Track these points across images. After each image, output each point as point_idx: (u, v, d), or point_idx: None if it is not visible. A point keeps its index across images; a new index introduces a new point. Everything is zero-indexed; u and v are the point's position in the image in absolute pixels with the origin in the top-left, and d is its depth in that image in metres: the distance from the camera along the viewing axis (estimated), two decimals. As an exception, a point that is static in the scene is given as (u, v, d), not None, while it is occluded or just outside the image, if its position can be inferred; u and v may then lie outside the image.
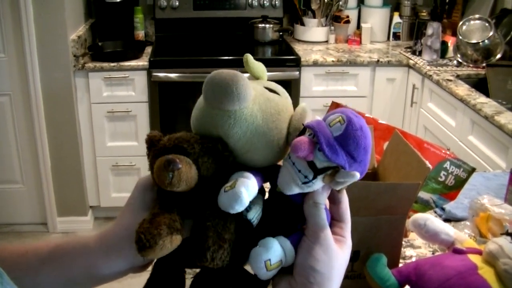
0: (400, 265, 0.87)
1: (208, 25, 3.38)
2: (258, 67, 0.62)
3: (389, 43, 3.45)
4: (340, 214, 0.56)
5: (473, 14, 2.95)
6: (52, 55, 2.76)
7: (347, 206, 0.57)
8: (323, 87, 3.03)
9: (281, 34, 3.31)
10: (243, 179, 0.52)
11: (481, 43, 2.75)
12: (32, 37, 2.70)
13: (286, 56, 3.07)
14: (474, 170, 1.01)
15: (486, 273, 0.76)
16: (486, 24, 2.78)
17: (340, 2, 3.38)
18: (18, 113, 2.87)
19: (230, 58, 2.96)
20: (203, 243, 0.52)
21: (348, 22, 3.38)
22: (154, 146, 0.56)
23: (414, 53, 3.10)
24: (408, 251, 1.07)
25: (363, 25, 3.39)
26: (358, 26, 3.47)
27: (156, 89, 2.91)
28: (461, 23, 2.85)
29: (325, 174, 0.51)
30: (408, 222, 0.91)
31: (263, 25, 3.25)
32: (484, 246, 0.80)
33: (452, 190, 1.01)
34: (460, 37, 2.80)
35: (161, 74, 2.88)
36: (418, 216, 0.91)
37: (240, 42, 3.34)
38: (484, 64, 2.76)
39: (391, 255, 0.84)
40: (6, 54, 2.76)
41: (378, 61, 3.01)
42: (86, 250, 0.59)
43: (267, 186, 0.59)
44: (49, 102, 2.84)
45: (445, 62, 2.94)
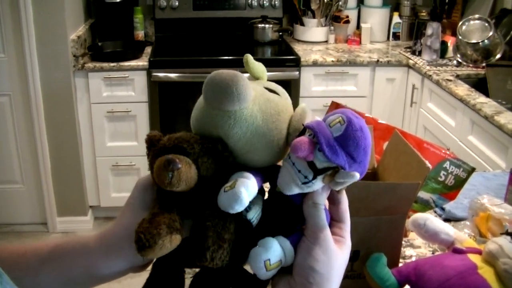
0: (400, 265, 0.87)
1: (207, 25, 3.38)
2: (258, 68, 0.62)
3: (388, 43, 3.45)
4: (339, 214, 0.56)
5: (472, 14, 2.95)
6: (52, 55, 2.76)
7: (347, 207, 0.57)
8: (323, 87, 3.03)
9: (280, 34, 3.31)
10: (243, 179, 0.52)
11: (480, 43, 2.75)
12: (32, 37, 2.70)
13: (285, 56, 3.07)
14: (473, 170, 1.01)
15: (486, 272, 0.76)
16: (486, 24, 2.78)
17: (339, 2, 3.37)
18: (18, 113, 2.86)
19: (230, 58, 2.96)
20: (203, 243, 0.52)
21: (347, 22, 3.38)
22: (154, 146, 0.56)
23: (413, 53, 3.10)
24: (408, 251, 1.07)
25: (363, 25, 3.39)
26: (358, 26, 3.47)
27: (156, 89, 2.91)
28: (460, 23, 2.85)
29: (325, 174, 0.51)
30: (408, 222, 0.91)
31: (263, 25, 3.25)
32: (484, 246, 0.80)
33: (452, 190, 1.01)
34: (459, 37, 2.80)
35: (161, 74, 2.88)
36: (418, 216, 0.91)
37: (239, 42, 3.34)
38: (483, 64, 2.76)
39: (391, 255, 0.84)
40: (6, 54, 2.75)
41: (378, 61, 3.01)
42: (86, 250, 0.59)
43: (267, 186, 0.59)
44: (49, 102, 2.84)
45: (444, 62, 2.94)
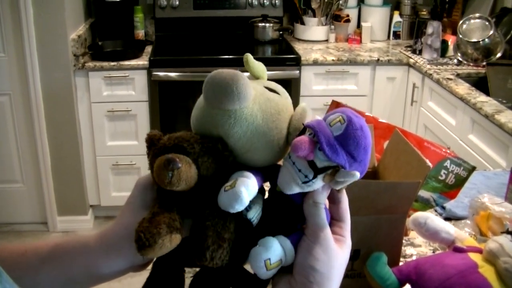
0: (400, 264, 0.87)
1: (208, 24, 3.37)
2: (258, 67, 0.62)
3: (389, 42, 3.45)
4: (339, 213, 0.56)
5: (473, 13, 2.94)
6: (52, 55, 2.76)
7: (347, 206, 0.57)
8: (323, 86, 3.03)
9: (281, 33, 3.31)
10: (243, 179, 0.52)
11: (481, 42, 2.75)
12: (32, 36, 2.70)
13: (286, 55, 3.07)
14: (474, 168, 1.00)
15: (487, 271, 0.76)
16: (486, 23, 2.78)
17: (340, 1, 3.37)
18: (18, 112, 2.86)
19: (230, 57, 2.96)
20: (203, 243, 0.52)
21: (348, 21, 3.38)
22: (154, 145, 0.56)
23: (414, 52, 3.09)
24: (408, 250, 1.07)
25: (363, 24, 3.39)
26: (358, 25, 3.47)
27: (156, 88, 2.91)
28: (461, 22, 2.85)
29: (325, 173, 0.51)
30: (408, 221, 0.91)
31: (263, 24, 3.25)
32: (484, 245, 0.80)
33: (452, 188, 1.01)
34: (460, 36, 2.80)
35: (161, 74, 2.87)
36: (419, 214, 0.91)
37: (240, 41, 3.34)
38: (484, 63, 2.75)
39: (392, 254, 0.84)
40: (6, 54, 2.75)
41: (378, 60, 3.01)
42: (86, 249, 0.59)
43: (267, 185, 0.59)
44: (49, 102, 2.84)
45: (445, 61, 2.93)
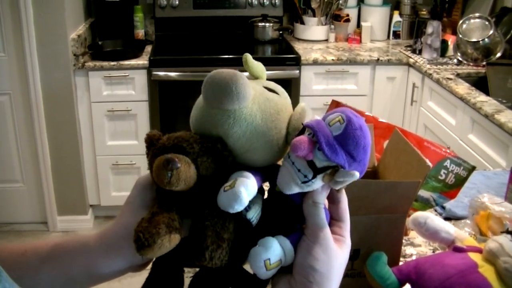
0: (400, 263, 0.87)
1: (208, 24, 3.37)
2: (258, 67, 0.62)
3: (389, 42, 3.45)
4: (339, 213, 0.56)
5: (473, 12, 2.94)
6: (52, 54, 2.76)
7: (346, 206, 0.57)
8: (323, 86, 3.02)
9: (281, 33, 3.31)
10: (243, 179, 0.52)
11: (481, 42, 2.75)
12: (32, 36, 2.70)
13: (286, 55, 3.07)
14: (474, 168, 1.00)
15: (487, 271, 0.76)
16: (486, 22, 2.78)
17: (340, 1, 3.37)
18: (18, 112, 2.86)
19: (230, 57, 2.96)
20: (202, 243, 0.52)
21: (348, 20, 3.38)
22: (154, 145, 0.56)
23: (414, 51, 3.09)
24: (408, 250, 1.07)
25: (363, 23, 3.39)
26: (358, 25, 3.47)
27: (156, 88, 2.91)
28: (461, 22, 2.85)
29: (324, 173, 0.51)
30: (408, 221, 0.91)
31: (263, 24, 3.25)
32: (484, 245, 0.80)
33: (452, 188, 1.01)
34: (460, 35, 2.80)
35: (161, 73, 2.87)
36: (419, 214, 0.91)
37: (240, 41, 3.33)
38: (484, 62, 2.75)
39: (392, 254, 0.84)
40: (6, 54, 2.75)
41: (378, 59, 3.01)
42: (86, 249, 0.59)
43: (267, 185, 0.59)
44: (49, 101, 2.84)
45: (445, 60, 2.93)
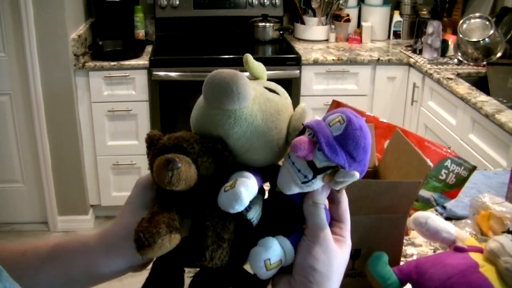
0: (401, 263, 0.87)
1: (208, 24, 3.37)
2: (258, 67, 0.62)
3: (389, 42, 3.44)
4: (339, 214, 0.56)
5: (473, 12, 2.94)
6: (52, 54, 2.76)
7: (347, 206, 0.57)
8: (324, 86, 3.02)
9: (281, 33, 3.31)
10: (243, 179, 0.52)
11: (481, 42, 2.75)
12: (32, 36, 2.70)
13: (286, 55, 3.07)
14: (475, 168, 1.00)
15: (488, 271, 0.75)
16: (487, 22, 2.78)
17: (340, 1, 3.37)
18: (19, 112, 2.86)
19: (231, 57, 2.96)
20: (202, 243, 0.52)
21: (348, 20, 3.38)
22: (154, 145, 0.56)
23: (414, 51, 3.09)
24: (409, 249, 1.07)
25: (364, 23, 3.39)
26: (359, 25, 3.46)
27: (156, 88, 2.91)
28: (461, 22, 2.84)
29: (324, 173, 0.51)
30: (409, 221, 0.91)
31: (264, 24, 3.25)
32: (485, 244, 0.80)
33: (453, 188, 1.01)
34: (460, 35, 2.80)
35: (161, 73, 2.87)
36: (419, 214, 0.91)
37: (240, 41, 3.33)
38: (484, 62, 2.75)
39: (392, 254, 0.84)
40: (6, 54, 2.75)
41: (379, 59, 3.01)
42: (86, 249, 0.59)
43: (267, 186, 0.58)
44: (49, 101, 2.84)
45: (445, 60, 2.93)
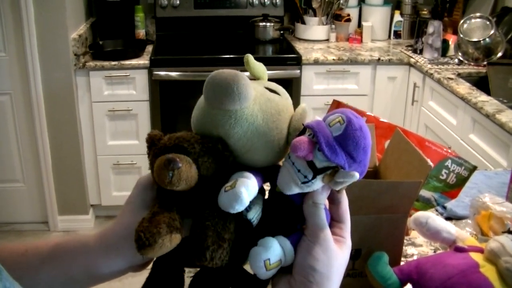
0: (401, 263, 0.86)
1: (209, 23, 3.37)
2: (259, 68, 0.62)
3: (390, 42, 3.44)
4: (339, 214, 0.56)
5: (474, 12, 2.94)
6: (52, 54, 2.76)
7: (347, 207, 0.57)
8: (324, 86, 3.02)
9: (282, 32, 3.31)
10: (243, 179, 0.52)
11: (482, 42, 2.74)
12: (32, 36, 2.70)
13: (287, 54, 3.07)
14: (475, 168, 1.00)
15: (488, 271, 0.75)
16: (487, 22, 2.77)
17: (341, 1, 3.37)
18: (19, 112, 2.87)
19: (231, 56, 2.96)
20: (202, 243, 0.52)
21: (349, 20, 3.38)
22: (155, 145, 0.56)
23: (415, 51, 3.09)
24: (409, 249, 1.07)
25: (364, 23, 3.38)
26: (359, 25, 3.46)
27: (157, 88, 2.91)
28: (462, 22, 2.84)
29: (324, 174, 0.51)
30: (409, 221, 0.91)
31: (264, 23, 3.25)
32: (485, 245, 0.80)
33: (453, 188, 1.01)
34: (461, 35, 2.80)
35: (162, 73, 2.87)
36: (420, 214, 0.91)
37: (241, 41, 3.33)
38: (485, 62, 2.75)
39: (393, 254, 0.84)
40: (7, 53, 2.75)
41: (379, 59, 3.01)
42: (86, 249, 0.59)
43: (268, 186, 0.58)
44: (50, 101, 2.84)
45: (446, 60, 2.93)
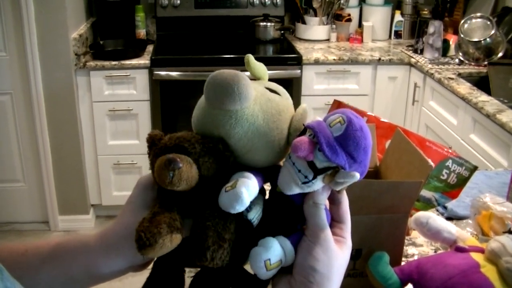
0: (402, 263, 0.86)
1: (209, 23, 3.37)
2: (259, 68, 0.62)
3: (390, 42, 3.44)
4: (340, 215, 0.56)
5: (474, 12, 2.94)
6: (53, 54, 2.76)
7: (347, 207, 0.56)
8: (325, 86, 3.02)
9: (282, 32, 3.31)
10: (244, 179, 0.52)
11: (482, 42, 2.74)
12: (33, 35, 2.70)
13: (287, 54, 3.07)
14: (476, 168, 1.00)
15: (489, 271, 0.75)
16: (488, 22, 2.77)
17: (341, 1, 3.37)
18: (20, 111, 2.87)
19: (232, 56, 2.96)
20: (203, 243, 0.52)
21: (349, 20, 3.38)
22: (155, 145, 0.56)
23: (415, 51, 3.09)
24: (410, 249, 1.07)
25: (365, 23, 3.38)
26: (360, 25, 3.46)
27: (157, 87, 2.91)
28: (462, 22, 2.84)
29: (325, 174, 0.51)
30: (410, 221, 0.91)
31: (265, 23, 3.25)
32: (486, 245, 0.80)
33: (454, 188, 1.01)
34: (461, 35, 2.80)
35: (162, 73, 2.87)
36: (420, 214, 0.91)
37: (241, 41, 3.33)
38: (485, 62, 2.75)
39: (394, 254, 0.84)
40: (7, 53, 2.76)
41: (380, 59, 3.01)
42: (86, 249, 0.59)
43: (268, 186, 0.58)
44: (50, 101, 2.84)
45: (446, 60, 2.93)
